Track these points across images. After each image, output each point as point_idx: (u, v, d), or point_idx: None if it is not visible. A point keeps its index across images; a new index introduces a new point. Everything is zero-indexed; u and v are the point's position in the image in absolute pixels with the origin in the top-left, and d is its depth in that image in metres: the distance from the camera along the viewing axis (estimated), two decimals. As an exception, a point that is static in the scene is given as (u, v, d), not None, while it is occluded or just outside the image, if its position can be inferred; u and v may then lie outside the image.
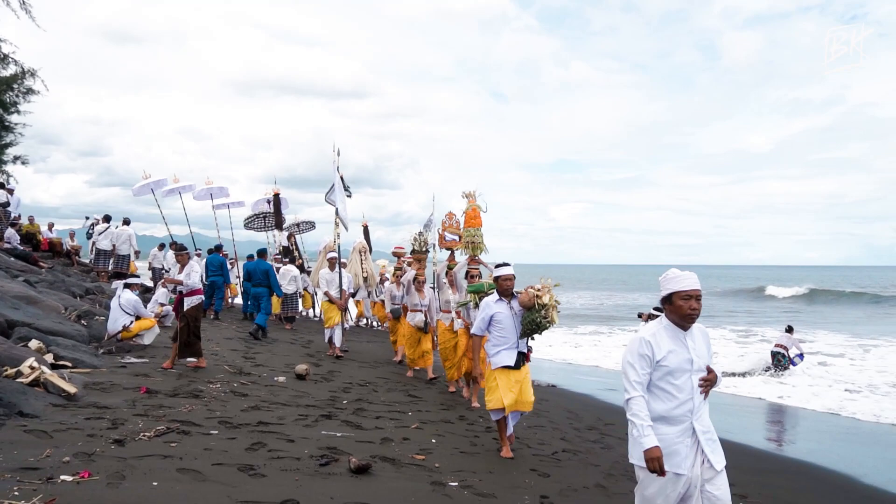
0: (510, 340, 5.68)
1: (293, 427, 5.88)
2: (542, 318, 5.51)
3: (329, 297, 10.93)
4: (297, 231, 19.05)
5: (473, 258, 8.35)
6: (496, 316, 5.70)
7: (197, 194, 18.47)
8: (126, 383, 6.90)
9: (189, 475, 4.29)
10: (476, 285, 7.22)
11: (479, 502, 4.45)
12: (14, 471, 3.98)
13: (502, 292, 5.79)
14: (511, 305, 5.72)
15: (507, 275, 5.76)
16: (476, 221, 8.45)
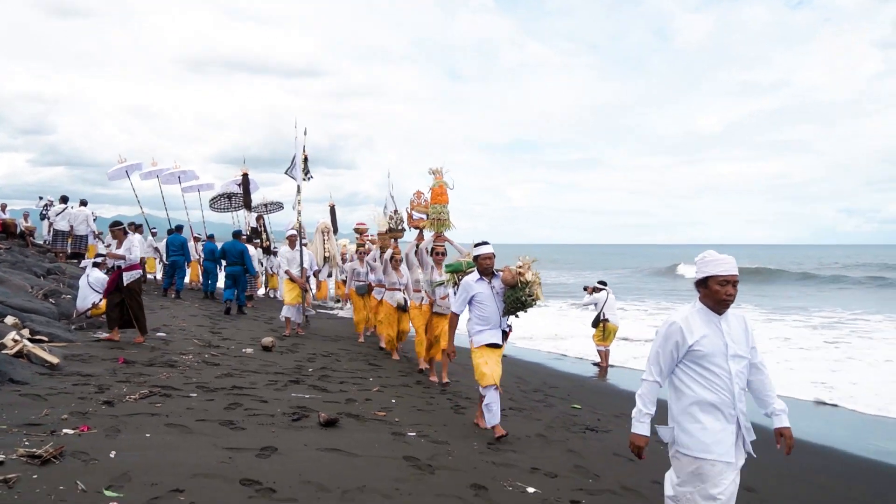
0: (493, 320, 5.66)
1: (265, 390, 6.44)
2: (526, 296, 5.51)
3: (290, 275, 10.96)
4: (265, 212, 19.18)
5: (440, 235, 8.32)
6: (477, 296, 5.64)
7: (164, 177, 18.60)
8: (103, 355, 7.35)
9: (177, 429, 4.83)
10: (454, 264, 7.04)
11: (434, 448, 5.10)
12: (20, 426, 4.47)
13: (482, 271, 5.73)
14: (492, 284, 5.68)
15: (487, 254, 5.70)
16: (443, 198, 8.37)
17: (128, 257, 8.60)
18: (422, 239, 8.97)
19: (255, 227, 18.18)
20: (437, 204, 8.35)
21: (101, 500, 3.34)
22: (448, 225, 8.34)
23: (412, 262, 8.91)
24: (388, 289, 9.53)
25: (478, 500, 4.06)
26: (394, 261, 9.39)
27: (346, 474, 4.18)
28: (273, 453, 4.46)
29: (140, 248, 8.98)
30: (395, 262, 9.38)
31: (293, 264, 11.09)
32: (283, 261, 11.21)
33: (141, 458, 4.04)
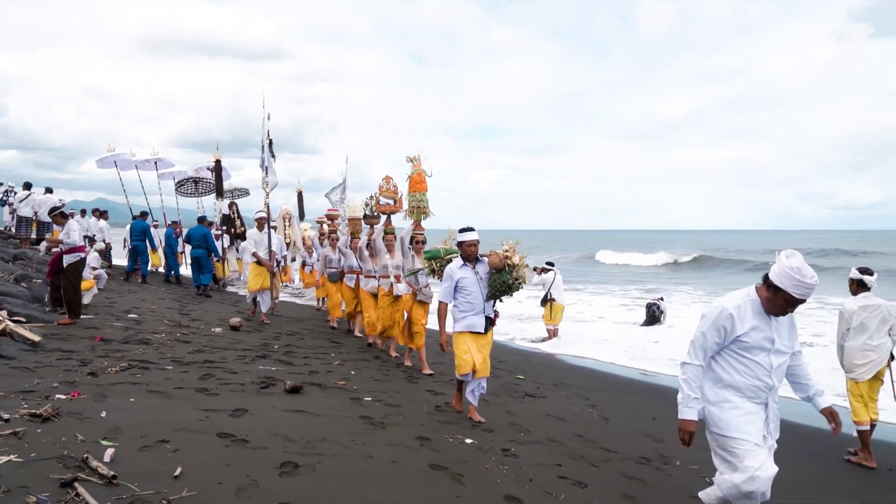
0: (477, 305, 5.69)
1: (235, 364, 7.05)
2: (513, 280, 5.55)
3: (257, 258, 10.73)
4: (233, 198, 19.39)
5: (419, 223, 8.21)
6: (461, 282, 5.67)
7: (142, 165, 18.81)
8: (81, 334, 7.86)
9: (157, 395, 5.43)
10: (432, 251, 6.78)
11: (387, 409, 5.79)
12: (16, 392, 5.03)
13: (467, 258, 5.76)
14: (476, 270, 5.72)
15: (472, 240, 5.71)
16: (421, 186, 8.24)
17: (65, 241, 8.95)
18: (389, 224, 8.95)
19: (228, 213, 18.37)
20: (417, 192, 8.24)
21: (99, 447, 3.94)
22: (428, 213, 8.29)
23: (379, 248, 8.86)
24: (365, 276, 9.48)
25: (422, 448, 4.76)
26: (370, 248, 9.33)
27: (309, 429, 4.84)
28: (244, 414, 5.09)
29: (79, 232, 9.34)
30: (372, 250, 9.31)
31: (261, 247, 10.84)
32: (251, 243, 10.91)
33: (129, 417, 4.63)
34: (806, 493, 4.83)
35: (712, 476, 4.86)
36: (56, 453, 3.73)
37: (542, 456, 4.96)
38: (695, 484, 4.72)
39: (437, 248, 6.78)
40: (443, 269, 6.21)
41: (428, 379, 7.48)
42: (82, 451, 3.78)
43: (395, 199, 8.86)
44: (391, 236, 8.74)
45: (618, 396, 7.73)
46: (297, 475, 3.90)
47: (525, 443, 5.27)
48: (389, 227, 8.92)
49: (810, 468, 5.45)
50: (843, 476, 5.37)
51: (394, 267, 8.37)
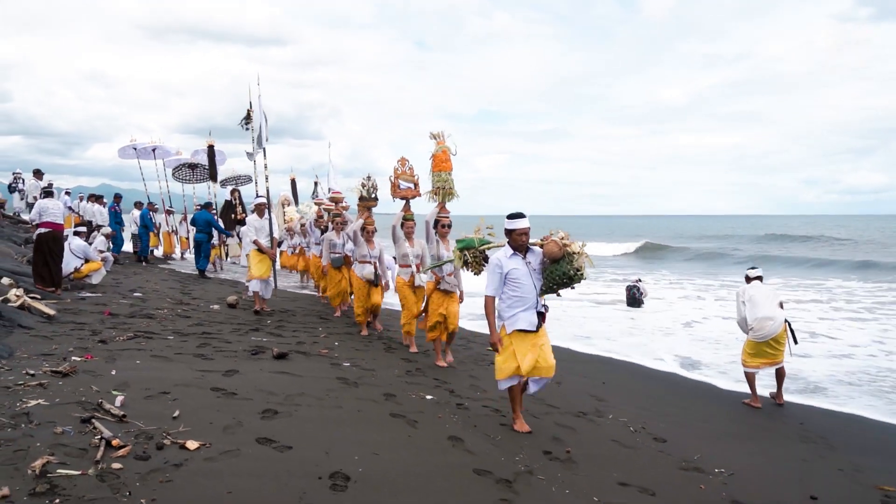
0: (529, 300, 5.12)
1: (230, 335, 7.84)
2: (574, 270, 4.99)
3: (259, 245, 10.15)
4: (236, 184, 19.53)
5: (444, 206, 7.71)
6: (512, 273, 5.10)
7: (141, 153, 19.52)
8: (91, 310, 8.67)
9: (160, 359, 6.22)
10: (465, 241, 6.10)
11: (362, 373, 6.57)
12: (38, 355, 5.82)
13: (517, 247, 5.18)
14: (527, 260, 5.17)
15: (522, 228, 5.15)
16: (446, 165, 7.69)
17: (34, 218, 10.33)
18: (408, 210, 8.30)
19: (230, 199, 18.93)
20: (441, 171, 7.69)
21: (110, 396, 4.72)
22: (454, 194, 7.74)
23: (398, 236, 8.20)
24: (358, 261, 9.13)
25: (386, 402, 5.54)
26: (366, 232, 9.00)
27: (290, 386, 5.62)
28: (235, 374, 5.87)
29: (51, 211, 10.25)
30: (368, 234, 9.01)
31: (262, 234, 10.32)
32: (251, 230, 10.31)
33: (135, 375, 5.42)
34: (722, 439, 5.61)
35: (638, 427, 5.70)
36: (75, 399, 4.53)
37: (490, 410, 5.75)
38: (620, 433, 5.52)
39: (469, 237, 6.12)
40: (477, 260, 5.90)
41: (404, 350, 8.25)
42: (97, 398, 4.57)
43: (415, 183, 8.36)
44: (411, 223, 8.25)
45: (577, 365, 8.48)
46: (276, 419, 4.68)
47: (479, 400, 6.05)
48: (409, 213, 8.30)
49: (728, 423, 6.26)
50: (756, 429, 6.14)
51: (414, 256, 8.08)
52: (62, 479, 3.25)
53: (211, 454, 3.81)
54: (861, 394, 7.57)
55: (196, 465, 3.63)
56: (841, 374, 8.39)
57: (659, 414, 6.30)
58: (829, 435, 5.92)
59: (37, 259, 9.94)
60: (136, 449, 3.74)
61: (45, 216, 10.10)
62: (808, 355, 9.30)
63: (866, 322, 12.95)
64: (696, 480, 4.56)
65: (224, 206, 18.86)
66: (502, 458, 4.48)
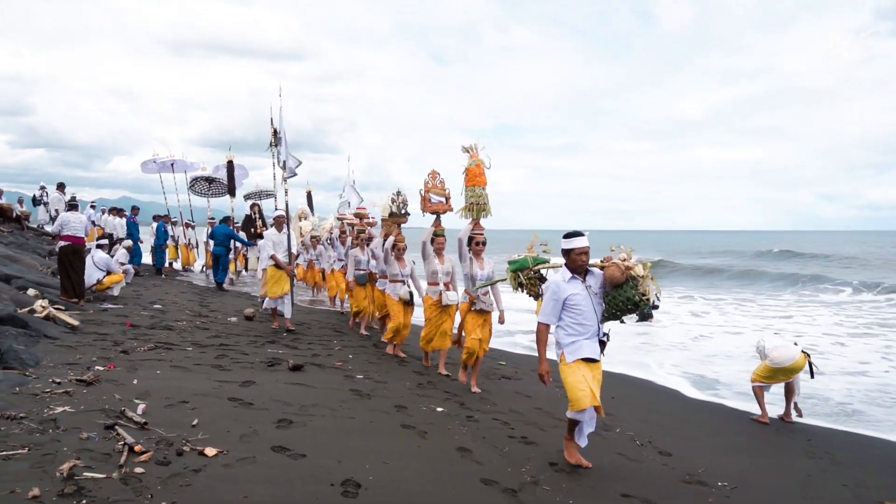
0: (590, 328, 4.75)
1: (247, 347, 8.04)
2: (639, 296, 4.62)
3: (276, 261, 9.76)
4: (258, 199, 19.66)
5: (478, 222, 7.40)
6: (571, 299, 4.73)
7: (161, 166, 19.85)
8: (113, 321, 8.91)
9: (179, 369, 6.42)
10: (518, 261, 5.75)
11: (374, 385, 6.73)
12: (63, 364, 6.04)
13: (575, 269, 4.81)
14: (587, 284, 4.80)
15: (581, 248, 4.76)
16: (480, 179, 7.36)
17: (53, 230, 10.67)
18: (439, 225, 8.01)
19: (249, 214, 19.16)
20: (475, 186, 7.38)
21: (132, 404, 4.91)
22: (488, 210, 7.42)
23: (428, 253, 7.89)
24: (390, 280, 8.80)
25: (398, 413, 5.69)
26: (396, 249, 8.70)
27: (304, 397, 5.79)
28: (252, 385, 6.05)
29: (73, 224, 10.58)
30: (399, 251, 8.71)
31: (280, 248, 9.95)
32: (269, 244, 9.89)
33: (156, 384, 5.61)
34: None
35: (645, 441, 5.79)
36: (99, 407, 4.72)
37: (500, 422, 5.88)
38: (626, 446, 5.62)
39: (522, 256, 5.80)
40: (531, 282, 5.59)
41: (416, 363, 8.39)
42: (120, 406, 4.77)
43: (447, 197, 8.07)
44: (441, 239, 8.00)
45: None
46: (291, 429, 4.84)
47: (489, 412, 6.18)
48: (440, 228, 8.02)
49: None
50: (762, 444, 6.20)
51: (443, 273, 7.79)
52: (88, 481, 3.42)
53: (228, 461, 3.98)
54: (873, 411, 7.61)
55: (214, 471, 3.79)
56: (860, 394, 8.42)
57: (666, 428, 6.40)
58: (835, 451, 5.97)
59: (60, 271, 10.23)
60: (158, 455, 3.91)
61: (66, 229, 10.41)
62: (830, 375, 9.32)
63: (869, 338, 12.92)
64: (700, 493, 4.65)
65: (244, 220, 19.14)
66: (509, 469, 4.61)
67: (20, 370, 5.56)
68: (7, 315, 7.18)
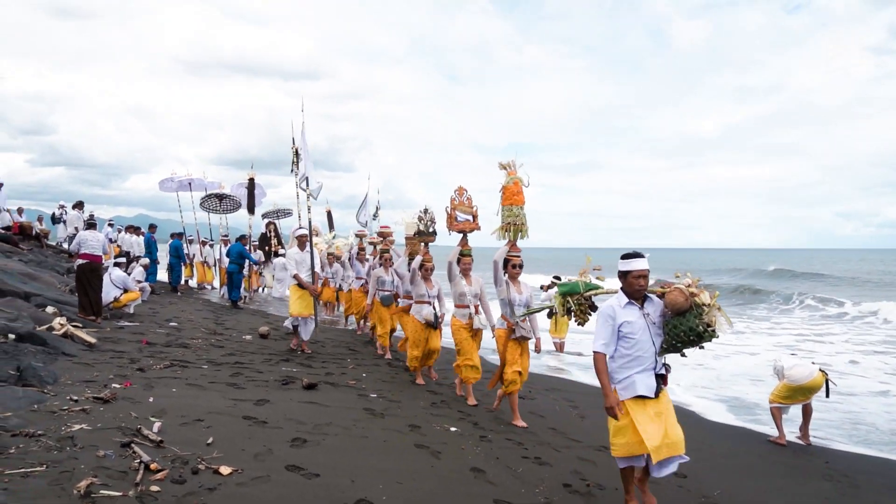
0: (646, 360, 4.29)
1: (261, 365, 8.08)
2: (704, 327, 4.16)
3: (299, 280, 9.45)
4: (276, 218, 19.67)
5: (514, 244, 6.94)
6: (626, 327, 4.30)
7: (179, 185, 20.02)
8: (129, 338, 9.00)
9: (195, 388, 6.47)
10: (568, 285, 5.22)
11: (388, 404, 6.73)
12: (81, 382, 6.10)
13: (633, 293, 4.37)
14: (645, 311, 4.36)
15: (639, 270, 4.33)
16: (518, 198, 6.92)
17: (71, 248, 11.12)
18: (466, 244, 7.67)
19: (265, 233, 19.24)
20: (512, 205, 6.93)
21: (148, 422, 4.95)
22: (525, 231, 6.96)
23: (454, 274, 7.56)
24: (416, 301, 8.39)
25: (411, 433, 5.69)
26: (424, 269, 8.32)
27: (318, 416, 5.81)
28: (266, 403, 6.08)
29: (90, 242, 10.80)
30: (426, 272, 8.33)
31: (302, 267, 9.58)
32: (291, 263, 9.59)
33: (171, 402, 5.65)
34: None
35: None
36: (116, 424, 4.76)
37: (514, 442, 5.85)
38: (641, 467, 5.56)
39: (573, 279, 5.32)
40: (582, 308, 5.12)
41: (430, 382, 8.39)
42: (136, 423, 4.80)
43: (474, 215, 7.78)
44: (468, 259, 7.65)
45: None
46: (305, 447, 4.85)
47: (502, 432, 6.17)
48: (467, 247, 7.66)
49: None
50: (779, 466, 6.13)
51: (472, 295, 7.50)
52: (105, 499, 3.46)
53: (242, 479, 3.99)
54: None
55: (229, 490, 3.81)
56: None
57: (681, 450, 6.34)
58: (854, 474, 5.89)
59: (78, 289, 10.37)
60: (173, 473, 3.94)
61: (83, 248, 10.56)
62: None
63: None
64: (716, 516, 4.60)
65: (260, 238, 19.29)
66: (523, 490, 4.59)
67: (38, 387, 5.62)
68: (26, 332, 7.28)
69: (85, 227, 11.39)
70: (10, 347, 6.62)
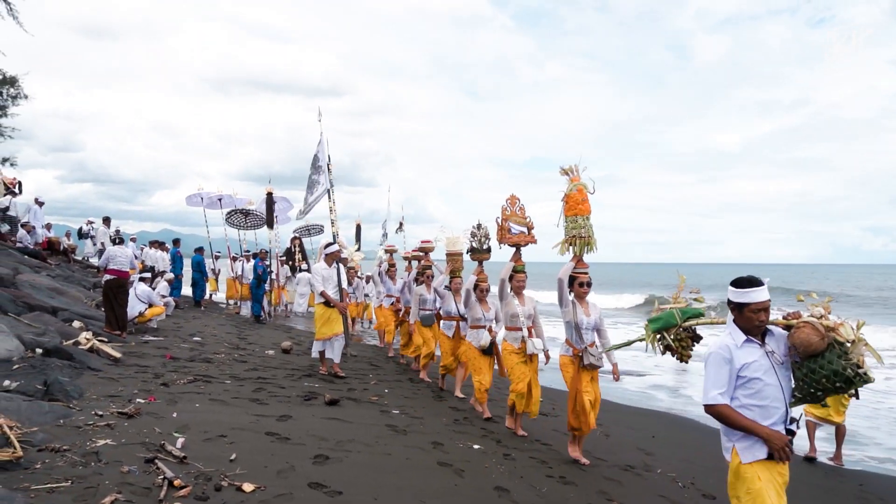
0: (774, 411, 3.36)
1: (284, 381, 8.08)
2: (853, 369, 3.25)
3: (326, 297, 8.82)
4: (307, 234, 19.61)
5: (581, 259, 6.12)
6: (746, 369, 3.36)
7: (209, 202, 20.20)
8: (154, 353, 9.06)
9: (218, 402, 6.48)
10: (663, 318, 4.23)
11: (410, 420, 6.68)
12: (106, 396, 6.14)
13: (752, 329, 3.41)
14: (768, 349, 3.42)
15: (760, 303, 3.37)
16: (583, 207, 6.09)
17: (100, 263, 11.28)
18: (519, 260, 6.97)
19: (290, 248, 19.32)
20: (577, 215, 6.10)
21: (172, 438, 4.96)
22: (593, 244, 6.12)
23: (506, 292, 6.93)
24: (471, 326, 7.69)
25: (434, 450, 5.63)
26: (479, 290, 7.62)
27: (341, 432, 5.77)
28: (289, 419, 6.06)
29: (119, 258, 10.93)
30: (482, 292, 7.61)
31: (329, 283, 8.92)
32: (318, 279, 8.92)
33: (195, 418, 5.66)
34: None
35: (687, 483, 5.62)
36: (140, 440, 4.77)
37: (538, 460, 5.77)
38: (668, 488, 5.47)
39: (667, 308, 4.31)
40: (684, 344, 4.19)
41: (452, 398, 8.33)
42: (160, 439, 4.81)
43: (529, 227, 7.04)
44: (522, 276, 6.95)
45: (626, 417, 8.41)
46: (327, 464, 4.82)
47: (526, 450, 6.09)
48: (520, 263, 6.96)
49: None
50: (812, 488, 5.97)
51: (525, 316, 6.78)
52: (128, 516, 3.45)
53: (265, 497, 3.97)
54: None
55: (251, 507, 3.79)
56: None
57: (709, 469, 6.20)
58: (889, 497, 5.73)
59: (104, 303, 10.49)
60: (196, 490, 3.93)
61: (111, 263, 10.71)
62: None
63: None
64: (747, 539, 4.47)
65: (285, 253, 19.42)
66: (548, 510, 4.51)
67: (64, 402, 5.66)
68: (53, 347, 7.36)
69: (113, 242, 11.51)
70: (37, 362, 6.69)
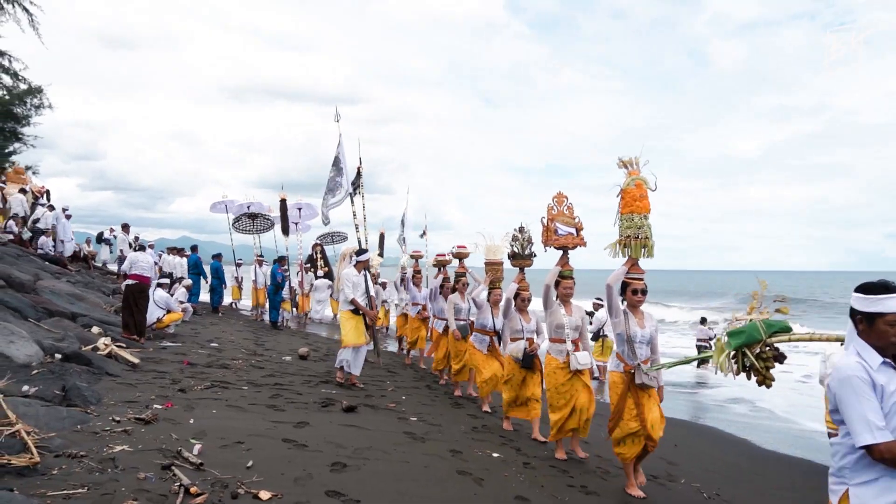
0: None
1: (301, 387, 8.03)
2: None
3: (355, 304, 8.45)
4: (330, 242, 19.56)
5: (636, 264, 5.34)
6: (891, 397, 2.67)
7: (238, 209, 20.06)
8: (171, 359, 9.06)
9: (235, 409, 6.44)
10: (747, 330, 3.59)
11: (428, 427, 6.60)
12: (123, 402, 6.12)
13: (887, 346, 2.75)
14: None
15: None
16: (642, 205, 5.32)
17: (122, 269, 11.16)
18: (567, 264, 6.35)
19: (311, 254, 19.31)
20: (633, 213, 5.31)
21: (188, 444, 4.92)
22: (651, 247, 5.32)
23: (551, 300, 6.35)
24: (511, 338, 7.09)
25: (453, 458, 5.55)
26: (520, 299, 7.05)
27: (358, 439, 5.71)
28: (306, 426, 6.00)
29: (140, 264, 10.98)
30: (522, 302, 7.05)
31: (357, 290, 8.54)
32: (348, 285, 8.51)
33: (212, 424, 5.62)
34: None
35: (712, 494, 5.49)
36: (157, 446, 4.74)
37: (558, 469, 5.67)
38: (692, 499, 5.34)
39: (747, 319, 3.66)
40: (768, 364, 3.56)
41: (471, 405, 8.24)
42: (176, 445, 4.77)
43: (577, 228, 6.44)
44: (570, 282, 6.33)
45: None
46: (345, 472, 4.75)
47: (546, 459, 5.98)
48: (568, 267, 6.34)
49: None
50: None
51: (572, 328, 6.19)
52: (144, 523, 3.40)
53: (282, 505, 3.91)
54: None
55: (268, 516, 3.73)
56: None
57: (734, 480, 6.08)
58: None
59: (124, 308, 10.53)
60: (213, 497, 3.87)
61: (134, 268, 10.76)
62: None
63: None
64: (775, 552, 4.36)
65: (307, 260, 19.45)
66: (570, 521, 4.41)
67: (82, 408, 5.65)
68: (72, 352, 7.37)
69: (135, 248, 11.58)
70: (56, 367, 6.70)
